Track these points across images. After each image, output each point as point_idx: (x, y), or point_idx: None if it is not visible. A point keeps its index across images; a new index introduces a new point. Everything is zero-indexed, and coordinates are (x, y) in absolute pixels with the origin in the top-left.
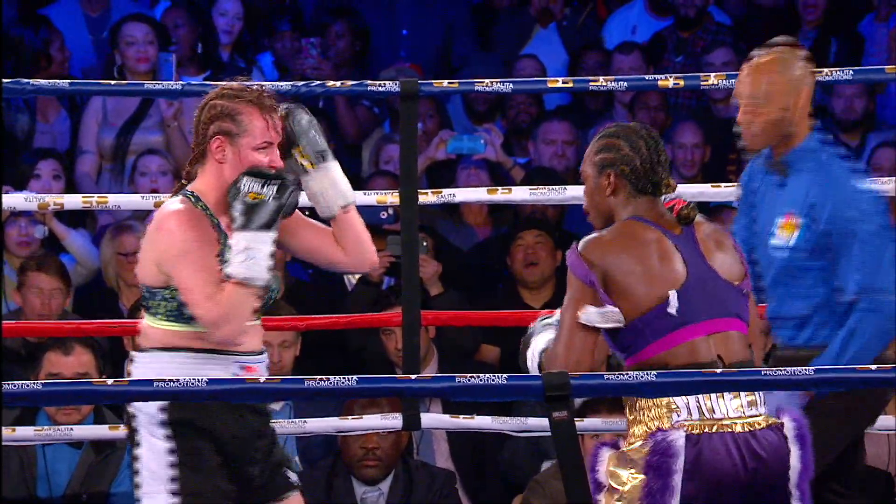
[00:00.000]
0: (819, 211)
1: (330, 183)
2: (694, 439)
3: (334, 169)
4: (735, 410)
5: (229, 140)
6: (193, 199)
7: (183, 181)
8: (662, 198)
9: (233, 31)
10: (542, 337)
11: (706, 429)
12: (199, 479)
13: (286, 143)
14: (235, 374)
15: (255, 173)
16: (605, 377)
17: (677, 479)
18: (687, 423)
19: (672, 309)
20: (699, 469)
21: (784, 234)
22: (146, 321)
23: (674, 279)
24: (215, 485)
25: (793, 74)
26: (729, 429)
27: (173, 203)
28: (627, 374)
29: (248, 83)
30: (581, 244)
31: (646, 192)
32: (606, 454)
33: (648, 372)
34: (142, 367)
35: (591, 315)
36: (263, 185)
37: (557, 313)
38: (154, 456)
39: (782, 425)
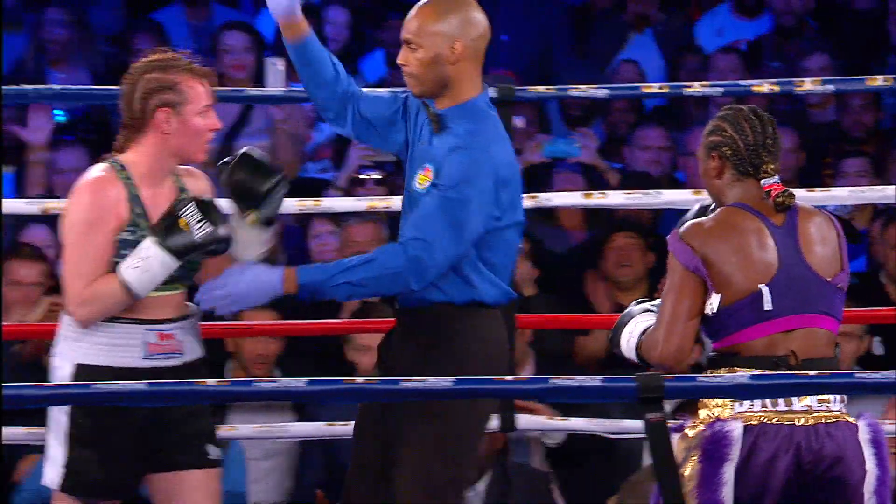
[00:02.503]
0: (441, 169)
1: (256, 241)
2: (752, 430)
3: (266, 233)
4: (800, 404)
5: (174, 110)
6: (118, 167)
7: (113, 152)
8: (762, 182)
9: (339, 40)
10: (641, 320)
11: (765, 420)
12: (86, 452)
13: (246, 194)
14: (146, 342)
15: (205, 205)
16: (698, 379)
17: (729, 469)
18: (746, 414)
19: (768, 304)
20: (753, 460)
21: (419, 185)
22: None
23: (764, 272)
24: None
25: (448, 23)
26: (790, 421)
27: (93, 170)
28: (721, 376)
29: (168, 53)
30: (682, 229)
31: (749, 174)
32: (673, 439)
33: (742, 374)
34: (66, 328)
35: (711, 302)
36: (199, 222)
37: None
38: (55, 420)
39: (856, 426)
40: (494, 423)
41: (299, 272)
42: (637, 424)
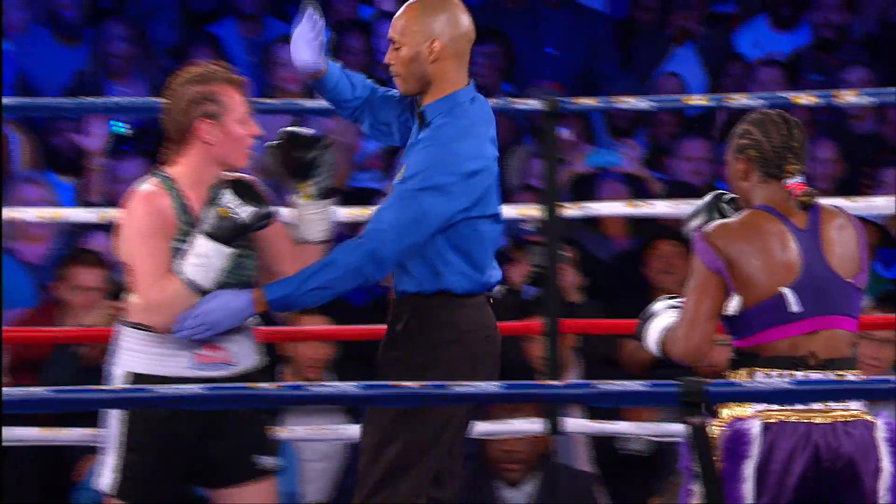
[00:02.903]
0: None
1: (319, 217)
2: (771, 428)
3: (330, 206)
4: (818, 402)
5: (215, 121)
6: (164, 179)
7: (160, 165)
8: (784, 182)
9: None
10: (664, 317)
11: (783, 418)
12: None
13: (297, 168)
14: (196, 352)
15: (240, 187)
16: (739, 384)
17: (749, 467)
18: (765, 413)
19: (795, 307)
20: (772, 457)
21: (397, 181)
22: (129, 296)
23: (787, 275)
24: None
25: (429, 20)
26: (808, 420)
27: (142, 185)
28: (761, 381)
29: (205, 65)
30: (707, 230)
31: (774, 176)
32: None
33: (783, 380)
34: (122, 337)
35: (731, 303)
36: (238, 205)
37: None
38: (109, 425)
39: (874, 425)
40: (540, 425)
41: (267, 290)
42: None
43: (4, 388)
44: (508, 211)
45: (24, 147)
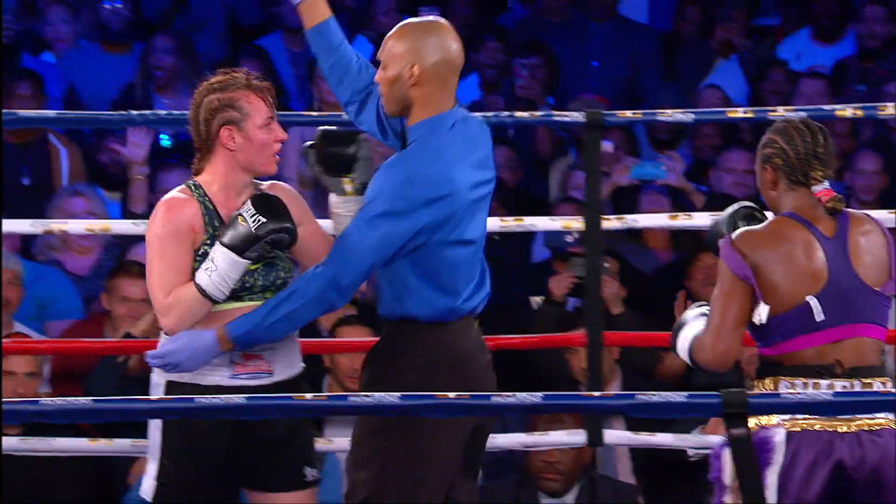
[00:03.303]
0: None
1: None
2: (794, 437)
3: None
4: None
5: (236, 127)
6: (194, 187)
7: (192, 175)
8: (813, 188)
9: None
10: (695, 325)
11: (806, 426)
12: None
13: (336, 164)
14: (233, 361)
15: (261, 200)
16: (782, 395)
17: (773, 474)
18: (790, 421)
19: (819, 316)
20: (796, 465)
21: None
22: None
23: (813, 283)
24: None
25: (412, 44)
26: (831, 428)
27: (170, 192)
28: (804, 393)
29: (227, 73)
30: (734, 236)
31: (801, 183)
32: (727, 454)
33: (825, 391)
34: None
35: (759, 311)
36: (253, 216)
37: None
38: (151, 435)
39: None
40: (582, 437)
41: (229, 328)
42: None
43: (50, 399)
44: (550, 223)
45: (71, 160)
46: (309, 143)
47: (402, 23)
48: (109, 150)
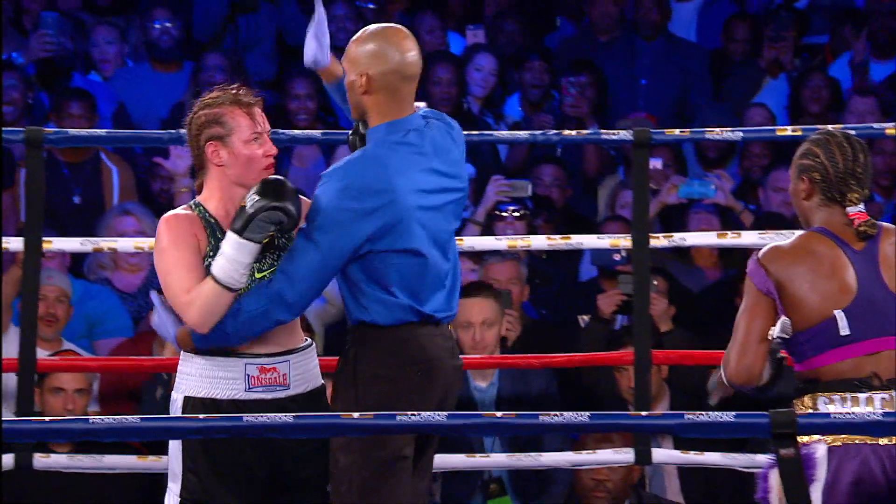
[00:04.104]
0: None
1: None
2: (835, 451)
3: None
4: None
5: (221, 142)
6: (194, 205)
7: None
8: (847, 209)
9: (486, 86)
10: None
11: (847, 441)
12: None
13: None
14: (249, 375)
15: (266, 183)
16: (832, 416)
17: (816, 490)
18: (831, 436)
19: (844, 330)
20: (839, 480)
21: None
22: None
23: (841, 298)
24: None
25: (363, 52)
26: (872, 441)
27: (169, 211)
28: (853, 413)
29: (222, 87)
30: (761, 252)
31: (835, 200)
32: (774, 475)
33: (874, 411)
34: (181, 363)
35: (776, 327)
36: (252, 196)
37: None
38: (172, 452)
39: None
40: (630, 456)
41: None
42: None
43: (100, 417)
44: (598, 242)
45: (122, 179)
46: (350, 130)
47: (362, 30)
48: (158, 168)
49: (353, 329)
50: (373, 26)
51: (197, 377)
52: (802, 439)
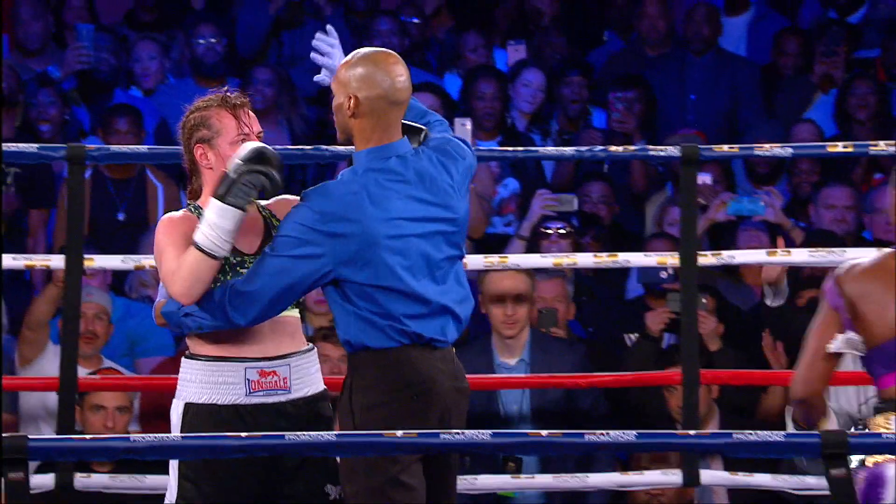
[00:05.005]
0: None
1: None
2: None
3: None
4: None
5: (208, 145)
6: (193, 208)
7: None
8: None
9: (534, 102)
10: None
11: None
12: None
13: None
14: (249, 379)
15: (247, 149)
16: (883, 436)
17: None
18: None
19: None
20: None
21: None
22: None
23: None
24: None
25: (349, 75)
26: None
27: (167, 214)
28: None
29: (216, 91)
30: (839, 269)
31: None
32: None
33: None
34: (182, 370)
35: (835, 341)
36: (235, 161)
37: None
38: (170, 463)
39: None
40: (678, 477)
41: (166, 304)
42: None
43: (140, 435)
44: (645, 259)
45: (167, 196)
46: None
47: (352, 53)
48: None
49: (349, 357)
50: (363, 49)
51: (197, 383)
52: (874, 458)
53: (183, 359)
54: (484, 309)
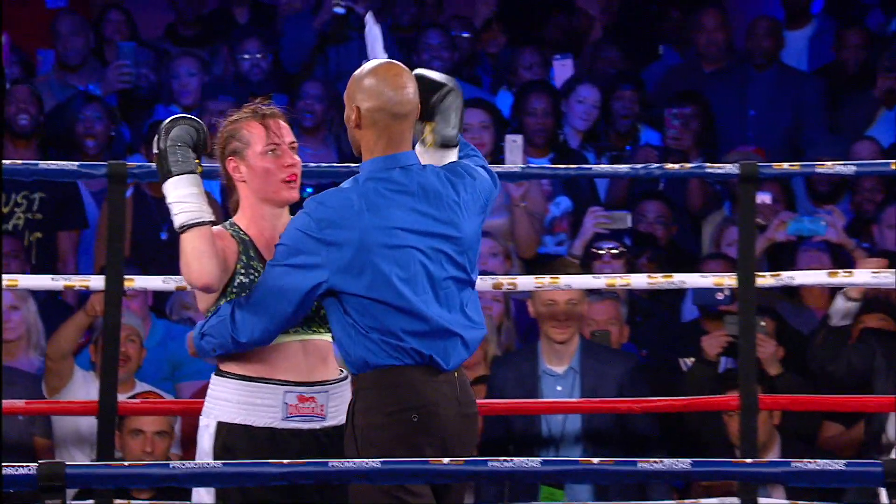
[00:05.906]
0: None
1: (436, 161)
2: None
3: (449, 155)
4: None
5: (239, 157)
6: (229, 224)
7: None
8: None
9: (588, 119)
10: None
11: None
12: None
13: (422, 110)
14: (287, 403)
15: (159, 126)
16: None
17: None
18: None
19: None
20: None
21: None
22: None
23: None
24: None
25: (356, 86)
26: None
27: None
28: None
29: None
30: None
31: None
32: None
33: None
34: (212, 387)
35: None
36: (154, 142)
37: None
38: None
39: None
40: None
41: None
42: None
43: (181, 462)
44: (701, 280)
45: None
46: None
47: (364, 64)
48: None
49: (353, 379)
50: (374, 61)
51: (233, 403)
52: None
53: (213, 376)
54: (533, 313)
